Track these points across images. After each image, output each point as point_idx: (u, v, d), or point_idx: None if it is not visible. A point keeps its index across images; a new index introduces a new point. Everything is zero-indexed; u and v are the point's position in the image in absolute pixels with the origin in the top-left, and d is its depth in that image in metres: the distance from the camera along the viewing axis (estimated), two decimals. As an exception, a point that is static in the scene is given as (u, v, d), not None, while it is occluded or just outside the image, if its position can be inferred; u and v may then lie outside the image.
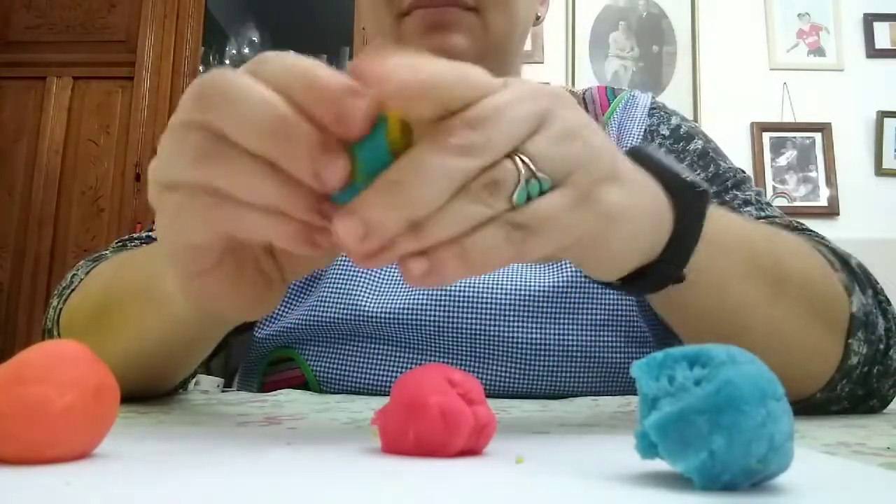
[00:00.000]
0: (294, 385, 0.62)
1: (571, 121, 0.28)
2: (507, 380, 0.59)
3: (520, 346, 0.59)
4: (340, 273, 0.63)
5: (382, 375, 0.60)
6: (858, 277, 0.46)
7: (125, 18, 2.51)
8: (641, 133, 0.68)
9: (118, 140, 2.44)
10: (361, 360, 0.61)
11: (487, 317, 0.59)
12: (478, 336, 0.59)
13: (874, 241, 2.05)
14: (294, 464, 0.24)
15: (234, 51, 2.64)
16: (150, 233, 0.66)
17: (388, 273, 0.63)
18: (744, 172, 0.64)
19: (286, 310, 0.65)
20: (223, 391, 0.73)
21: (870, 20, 2.49)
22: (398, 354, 0.60)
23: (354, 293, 0.61)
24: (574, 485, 0.21)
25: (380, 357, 0.61)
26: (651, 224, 0.34)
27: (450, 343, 0.59)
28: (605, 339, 0.59)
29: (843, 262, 0.47)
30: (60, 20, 2.54)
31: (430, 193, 0.25)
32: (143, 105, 2.40)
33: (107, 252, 0.61)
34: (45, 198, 2.42)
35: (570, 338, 0.59)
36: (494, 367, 0.59)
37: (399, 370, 0.60)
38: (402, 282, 0.62)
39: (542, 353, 0.59)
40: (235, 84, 0.26)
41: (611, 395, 0.59)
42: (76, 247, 2.39)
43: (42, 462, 0.22)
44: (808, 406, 0.44)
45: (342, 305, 0.61)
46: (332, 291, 0.62)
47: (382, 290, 0.61)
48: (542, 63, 2.45)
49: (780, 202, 2.37)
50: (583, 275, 0.60)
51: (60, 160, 2.44)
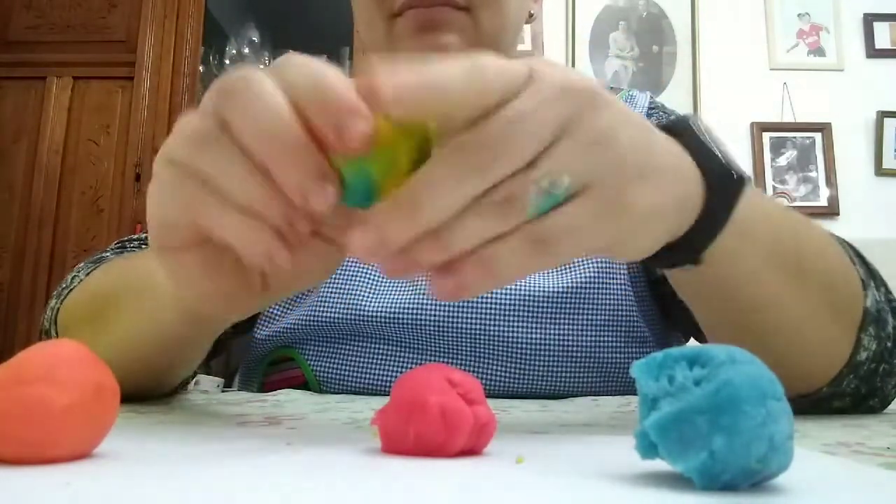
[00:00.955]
0: (294, 385, 0.62)
1: (599, 125, 0.27)
2: (508, 380, 0.59)
3: (520, 347, 0.59)
4: (340, 273, 0.63)
5: (382, 375, 0.60)
6: (874, 273, 0.46)
7: (125, 18, 2.51)
8: None
9: (118, 140, 2.44)
10: (361, 360, 0.61)
11: (487, 317, 0.59)
12: (478, 336, 0.59)
13: (874, 241, 2.05)
14: (294, 464, 0.24)
15: (234, 51, 2.64)
16: None
17: (388, 273, 0.63)
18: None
19: (286, 310, 0.65)
20: (223, 391, 0.73)
21: (870, 20, 2.49)
22: (398, 354, 0.60)
23: (354, 293, 0.61)
24: (574, 485, 0.21)
25: (380, 357, 0.61)
26: (680, 209, 0.32)
27: (450, 343, 0.60)
28: (605, 340, 0.59)
29: (861, 258, 0.47)
30: (60, 20, 2.54)
31: (442, 210, 0.25)
32: (143, 105, 2.40)
33: (107, 253, 0.61)
34: (45, 198, 2.42)
35: (571, 338, 0.59)
36: (495, 368, 0.59)
37: (399, 370, 0.60)
38: (403, 282, 0.62)
39: (543, 354, 0.59)
40: (255, 83, 0.26)
41: (611, 396, 0.59)
42: (76, 247, 2.39)
43: (42, 462, 0.22)
44: (813, 401, 0.44)
45: (342, 305, 0.61)
46: (332, 291, 0.62)
47: (382, 290, 0.62)
48: (542, 63, 2.45)
49: (780, 202, 2.37)
50: (584, 279, 0.61)
51: (60, 160, 2.44)
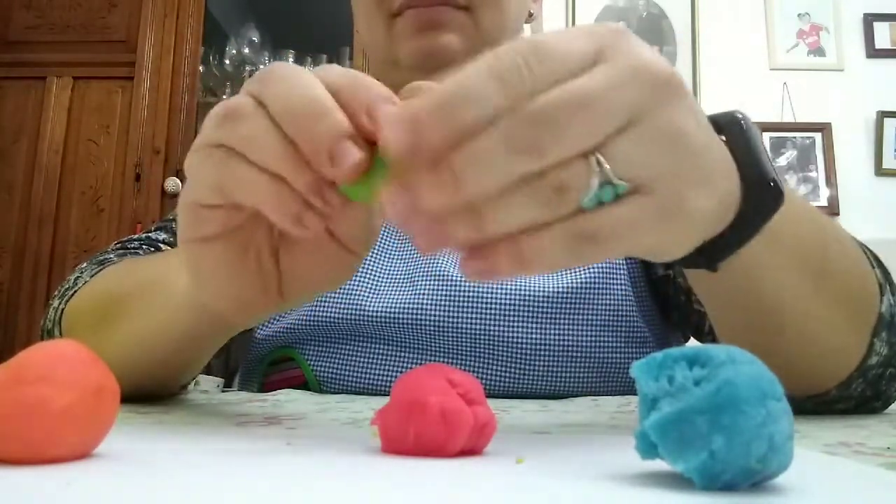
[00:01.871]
0: (294, 385, 0.62)
1: (671, 120, 0.25)
2: (508, 380, 0.59)
3: (520, 347, 0.59)
4: None
5: (382, 375, 0.60)
6: (889, 277, 0.46)
7: (125, 18, 2.51)
8: None
9: (118, 140, 2.43)
10: (361, 360, 0.61)
11: (488, 317, 0.59)
12: (478, 336, 0.59)
13: (874, 241, 2.04)
14: (294, 464, 0.24)
15: (234, 51, 2.64)
16: (150, 233, 0.66)
17: (389, 273, 0.63)
18: None
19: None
20: (223, 391, 0.73)
21: (870, 20, 2.49)
22: (398, 354, 0.60)
23: (355, 293, 0.61)
24: (574, 485, 0.21)
25: (380, 357, 0.61)
26: (722, 214, 0.31)
27: (450, 343, 0.59)
28: (605, 340, 0.59)
29: (878, 261, 0.46)
30: (60, 20, 2.54)
31: (486, 184, 0.23)
32: (143, 105, 2.40)
33: (109, 254, 0.61)
34: (45, 198, 2.42)
35: (571, 338, 0.59)
36: (495, 368, 0.59)
37: (399, 370, 0.60)
38: (403, 282, 0.62)
39: (543, 354, 0.59)
40: (294, 70, 0.28)
41: (611, 395, 0.59)
42: (76, 247, 2.39)
43: (42, 462, 0.22)
44: (818, 402, 0.44)
45: (343, 305, 0.61)
46: (332, 292, 0.62)
47: (383, 290, 0.61)
48: (542, 63, 2.45)
49: (780, 202, 2.37)
50: (584, 280, 0.61)
51: (60, 160, 2.44)
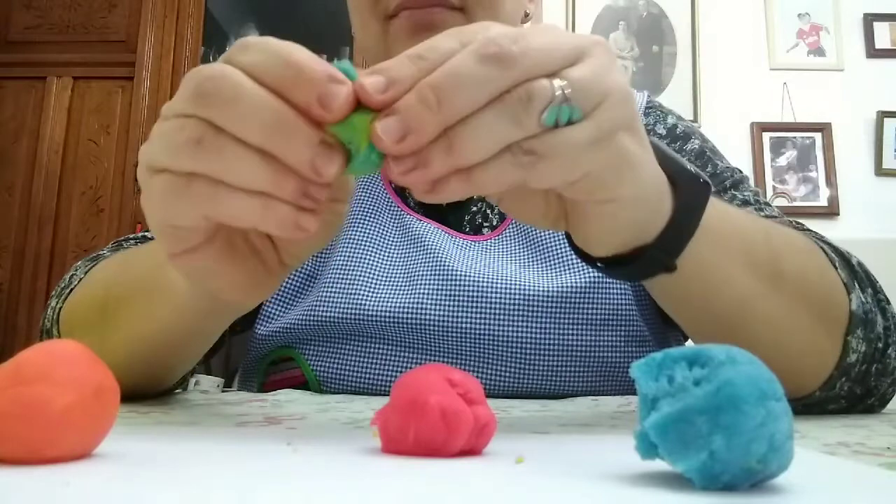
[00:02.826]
0: (294, 385, 0.62)
1: (608, 61, 0.30)
2: (508, 380, 0.59)
3: (520, 347, 0.59)
4: (340, 272, 0.63)
5: (382, 375, 0.60)
6: (858, 276, 0.46)
7: (125, 18, 2.51)
8: None
9: (118, 140, 2.44)
10: (362, 360, 0.61)
11: (488, 317, 0.59)
12: (478, 336, 0.59)
13: (874, 241, 2.05)
14: (294, 464, 0.24)
15: (234, 51, 2.64)
16: (147, 233, 0.66)
17: (390, 273, 0.63)
18: (741, 172, 0.64)
19: (286, 308, 0.65)
20: (223, 391, 0.73)
21: (870, 20, 2.49)
22: (399, 354, 0.60)
23: (355, 293, 0.61)
24: (574, 485, 0.21)
25: (380, 357, 0.61)
26: (653, 198, 0.34)
27: (451, 343, 0.59)
28: (605, 340, 0.59)
29: (844, 260, 0.47)
30: (60, 20, 2.54)
31: (466, 99, 0.26)
32: (143, 105, 2.40)
33: (104, 252, 0.61)
34: (45, 198, 2.42)
35: (571, 338, 0.59)
36: (495, 367, 0.59)
37: (399, 370, 0.60)
38: (403, 282, 0.62)
39: (543, 354, 0.59)
40: (232, 82, 0.27)
41: (611, 395, 0.59)
42: (76, 247, 2.39)
43: (42, 462, 0.22)
44: (807, 404, 0.44)
45: (343, 305, 0.61)
46: (333, 291, 0.62)
47: (383, 290, 0.61)
48: (542, 63, 2.45)
49: (780, 202, 2.37)
50: (585, 282, 0.61)
51: (60, 160, 2.44)
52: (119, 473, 0.22)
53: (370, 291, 0.61)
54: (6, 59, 2.49)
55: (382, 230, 0.65)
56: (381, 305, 0.60)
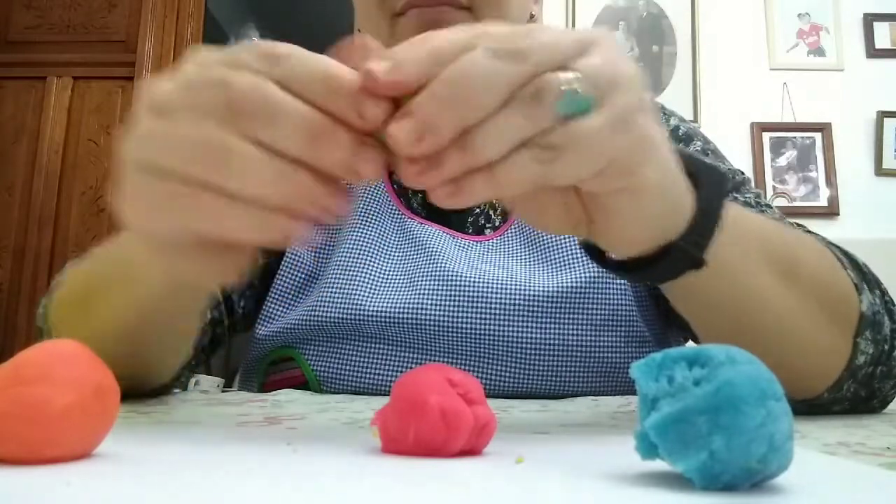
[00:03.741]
0: (294, 385, 0.62)
1: (615, 50, 0.30)
2: (508, 379, 0.59)
3: (520, 346, 0.59)
4: (341, 272, 0.63)
5: (383, 375, 0.60)
6: (867, 277, 0.46)
7: (125, 18, 2.51)
8: None
9: (118, 140, 2.43)
10: (362, 360, 0.61)
11: (488, 317, 0.59)
12: (478, 336, 0.59)
13: (874, 241, 2.05)
14: (294, 464, 0.24)
15: (234, 51, 2.64)
16: None
17: (390, 273, 0.63)
18: (743, 174, 0.64)
19: (286, 308, 0.65)
20: (223, 391, 0.73)
21: (870, 20, 2.49)
22: (399, 354, 0.60)
23: (355, 293, 0.61)
24: (574, 485, 0.21)
25: (380, 357, 0.61)
26: (676, 186, 0.33)
27: (451, 343, 0.60)
28: (605, 340, 0.59)
29: (853, 262, 0.47)
30: (60, 20, 2.54)
31: (481, 96, 0.26)
32: (143, 105, 2.40)
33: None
34: (45, 198, 2.42)
35: (571, 338, 0.59)
36: (495, 367, 0.59)
37: (399, 370, 0.60)
38: (403, 282, 0.62)
39: (543, 353, 0.59)
40: (270, 97, 0.27)
41: (611, 395, 0.59)
42: (76, 247, 2.39)
43: (42, 462, 0.22)
44: (814, 406, 0.44)
45: (343, 305, 0.61)
46: (333, 291, 0.62)
47: (383, 290, 0.61)
48: (542, 63, 2.45)
49: (780, 202, 2.37)
50: (585, 280, 0.61)
51: (60, 160, 2.44)
52: (119, 473, 0.22)
53: (370, 292, 0.61)
54: (6, 59, 2.49)
55: (383, 232, 0.65)
56: (381, 306, 0.60)
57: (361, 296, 0.61)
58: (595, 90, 0.28)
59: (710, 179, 0.35)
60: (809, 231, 0.54)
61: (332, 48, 0.29)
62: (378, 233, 0.65)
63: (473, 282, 0.60)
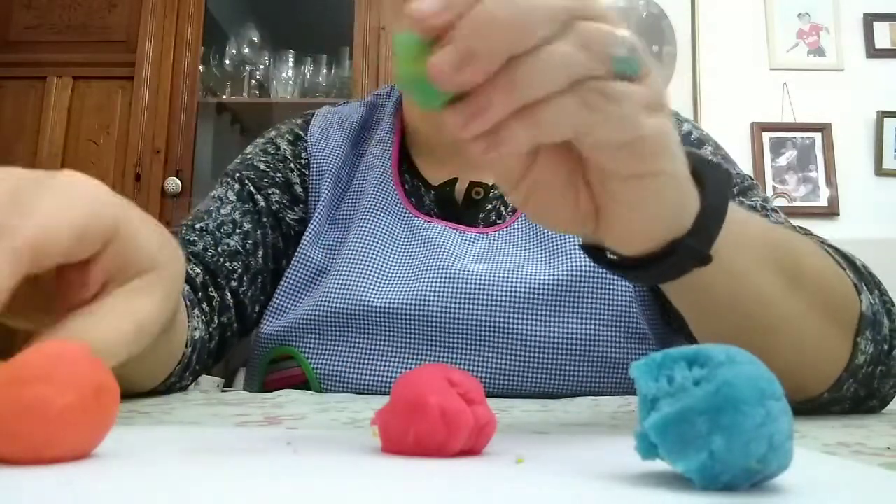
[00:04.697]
0: (294, 383, 0.62)
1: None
2: (508, 374, 0.59)
3: (521, 340, 0.59)
4: (345, 268, 0.63)
5: (383, 373, 0.60)
6: (865, 277, 0.47)
7: (125, 18, 2.51)
8: None
9: (118, 140, 2.43)
10: (362, 357, 0.61)
11: (489, 310, 0.59)
12: (479, 329, 0.59)
13: (874, 241, 2.05)
14: (294, 464, 0.24)
15: (234, 51, 2.64)
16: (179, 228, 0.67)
17: (392, 267, 0.63)
18: (752, 179, 0.65)
19: (292, 304, 0.65)
20: (223, 391, 0.73)
21: (870, 20, 2.49)
22: (400, 350, 0.61)
23: (358, 286, 0.61)
24: (574, 485, 0.21)
25: (381, 353, 0.61)
26: (685, 183, 0.34)
27: (452, 337, 0.60)
28: (606, 335, 0.59)
29: (851, 263, 0.47)
30: (60, 20, 2.53)
31: (533, 23, 0.26)
32: (143, 105, 2.40)
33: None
34: (45, 198, 2.42)
35: (571, 332, 0.59)
36: (496, 361, 0.59)
37: (399, 367, 0.60)
38: (406, 276, 0.62)
39: (544, 348, 0.59)
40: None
41: (610, 392, 0.59)
42: (76, 247, 2.38)
43: (42, 462, 0.22)
44: (815, 405, 0.44)
45: (346, 298, 0.61)
46: (337, 285, 0.62)
47: (386, 284, 0.62)
48: (542, 63, 2.45)
49: (780, 202, 2.37)
50: (585, 270, 0.61)
51: (60, 160, 2.43)
52: (119, 473, 0.22)
53: (373, 286, 0.62)
54: (6, 59, 2.48)
55: (389, 229, 0.66)
56: (383, 299, 0.60)
57: (364, 289, 0.61)
58: (642, 63, 0.29)
59: (716, 177, 0.36)
60: (809, 232, 0.54)
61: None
62: (384, 230, 0.66)
63: (476, 276, 0.60)
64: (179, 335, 0.52)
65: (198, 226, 0.66)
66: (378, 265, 0.63)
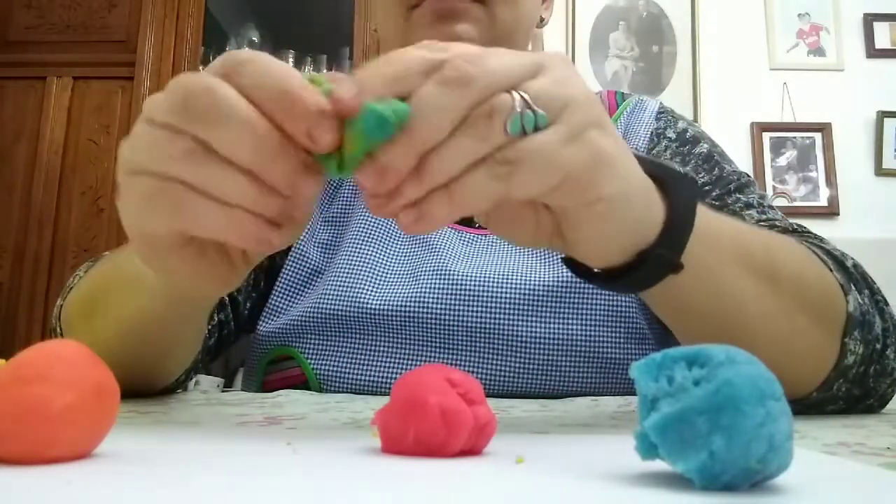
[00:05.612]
0: (294, 383, 0.62)
1: (567, 71, 0.31)
2: (508, 375, 0.59)
3: (521, 341, 0.59)
4: (344, 268, 0.63)
5: (382, 373, 0.60)
6: (854, 278, 0.47)
7: (125, 18, 2.51)
8: (648, 135, 0.69)
9: (118, 140, 2.43)
10: (362, 357, 0.61)
11: (489, 311, 0.59)
12: (479, 330, 0.59)
13: (874, 241, 2.05)
14: (294, 464, 0.24)
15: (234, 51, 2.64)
16: None
17: (391, 268, 0.63)
18: (748, 176, 0.65)
19: (290, 303, 0.65)
20: (223, 391, 0.73)
21: (870, 20, 2.49)
22: (399, 350, 0.61)
23: (356, 287, 0.61)
24: (574, 485, 0.21)
25: (380, 353, 0.61)
26: (640, 195, 0.34)
27: (451, 338, 0.60)
28: (606, 336, 0.59)
29: (839, 264, 0.47)
30: (60, 20, 2.53)
31: (434, 125, 0.28)
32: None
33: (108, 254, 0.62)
34: (45, 198, 2.42)
35: (571, 333, 0.59)
36: (495, 362, 0.59)
37: (399, 368, 0.60)
38: (405, 277, 0.62)
39: (543, 348, 0.59)
40: (221, 99, 0.27)
41: (610, 392, 0.59)
42: (76, 247, 2.39)
43: (42, 462, 0.22)
44: (805, 405, 0.44)
45: (344, 299, 0.61)
46: (335, 286, 0.62)
47: (385, 285, 0.62)
48: (542, 63, 2.44)
49: (780, 202, 2.37)
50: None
51: (60, 160, 2.43)
52: (119, 473, 0.22)
53: (372, 287, 0.62)
54: (6, 59, 2.48)
55: (387, 229, 0.66)
56: (382, 300, 0.60)
57: (363, 291, 0.61)
58: (547, 108, 0.29)
59: (681, 184, 0.36)
60: (808, 232, 0.54)
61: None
62: (382, 229, 0.66)
63: (474, 277, 0.60)
64: (204, 330, 0.53)
65: None
66: (376, 265, 0.63)
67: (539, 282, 0.60)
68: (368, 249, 0.64)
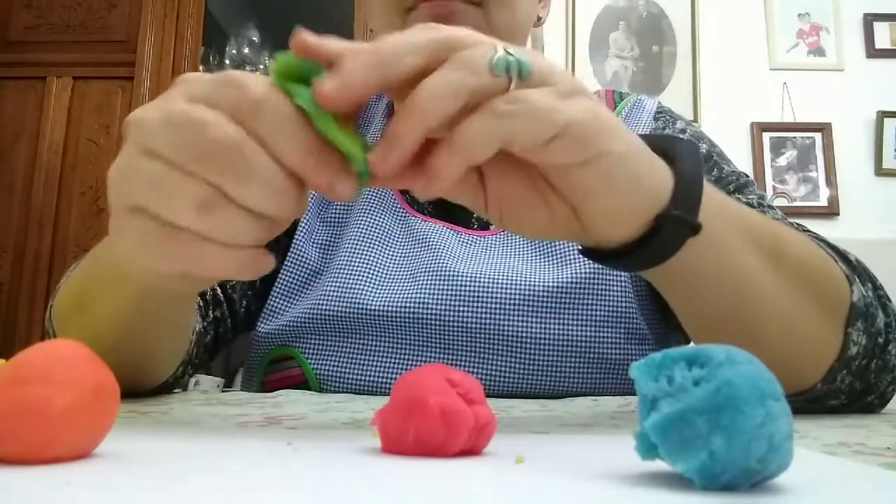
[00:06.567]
0: (294, 384, 0.62)
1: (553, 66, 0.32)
2: (508, 376, 0.59)
3: (521, 342, 0.59)
4: (343, 269, 0.63)
5: (382, 373, 0.60)
6: (857, 270, 0.47)
7: (125, 18, 2.51)
8: None
9: (118, 140, 2.43)
10: (362, 358, 0.61)
11: (489, 311, 0.59)
12: (479, 331, 0.59)
13: (874, 241, 2.05)
14: (294, 463, 0.24)
15: (234, 51, 2.64)
16: None
17: (391, 269, 0.63)
18: (748, 176, 0.65)
19: (289, 304, 0.65)
20: (223, 391, 0.73)
21: (870, 20, 2.49)
22: (399, 351, 0.61)
23: (356, 287, 0.61)
24: (574, 485, 0.21)
25: (380, 354, 0.61)
26: (645, 157, 0.34)
27: (451, 339, 0.60)
28: (606, 336, 0.59)
29: (843, 257, 0.47)
30: (60, 20, 2.53)
31: (411, 50, 0.29)
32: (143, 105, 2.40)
33: None
34: (45, 198, 2.42)
35: (571, 333, 0.59)
36: (495, 363, 0.59)
37: (399, 368, 0.60)
38: (405, 278, 0.62)
39: (543, 349, 0.59)
40: (250, 157, 0.28)
41: (610, 392, 0.59)
42: (76, 247, 2.39)
43: (42, 462, 0.22)
44: (809, 399, 0.44)
45: (344, 299, 0.61)
46: (335, 286, 0.62)
47: (385, 286, 0.62)
48: (542, 63, 2.44)
49: (780, 202, 2.37)
50: (584, 272, 0.61)
51: (60, 160, 2.43)
52: (119, 473, 0.22)
53: (371, 287, 0.62)
54: (6, 59, 2.48)
55: (386, 229, 0.66)
56: (382, 301, 0.60)
57: (363, 291, 0.61)
58: (535, 70, 0.30)
59: (686, 150, 0.36)
60: (810, 231, 0.54)
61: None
62: (381, 229, 0.66)
63: (474, 278, 0.60)
64: (191, 322, 0.53)
65: None
66: (376, 266, 0.63)
67: (539, 282, 0.60)
68: (368, 250, 0.64)
